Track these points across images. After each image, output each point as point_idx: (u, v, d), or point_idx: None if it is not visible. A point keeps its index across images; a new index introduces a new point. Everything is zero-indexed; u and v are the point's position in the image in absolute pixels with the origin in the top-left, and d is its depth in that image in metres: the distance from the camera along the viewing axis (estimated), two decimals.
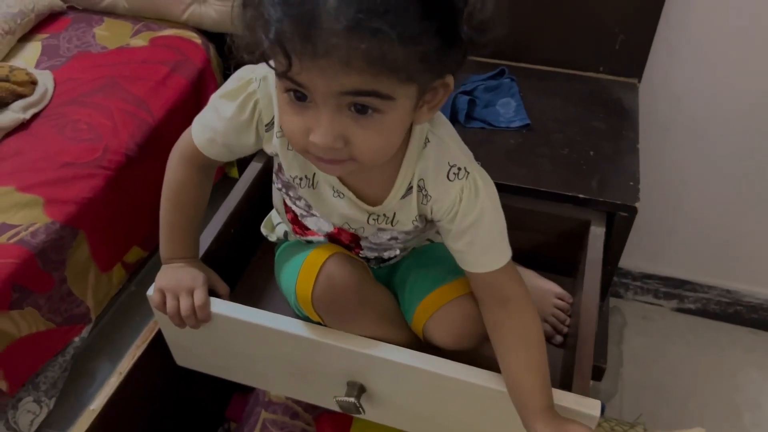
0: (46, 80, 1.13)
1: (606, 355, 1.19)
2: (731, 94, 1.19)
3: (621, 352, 1.47)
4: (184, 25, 1.31)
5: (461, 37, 0.54)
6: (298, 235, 0.83)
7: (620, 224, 0.97)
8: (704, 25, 1.14)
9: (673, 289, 1.54)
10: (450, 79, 0.59)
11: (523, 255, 1.00)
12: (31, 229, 0.89)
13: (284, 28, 0.50)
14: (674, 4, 1.12)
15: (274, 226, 0.90)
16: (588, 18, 1.15)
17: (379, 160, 0.61)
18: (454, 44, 0.54)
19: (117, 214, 1.01)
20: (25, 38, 1.27)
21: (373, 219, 0.73)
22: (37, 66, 1.21)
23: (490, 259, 0.70)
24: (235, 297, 0.85)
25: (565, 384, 0.83)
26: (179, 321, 0.78)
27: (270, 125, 0.69)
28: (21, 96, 1.06)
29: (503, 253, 0.71)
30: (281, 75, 0.55)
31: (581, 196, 0.95)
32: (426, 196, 0.69)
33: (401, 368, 0.75)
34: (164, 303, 0.77)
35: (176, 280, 0.77)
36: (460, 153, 0.69)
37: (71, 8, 1.38)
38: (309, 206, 0.76)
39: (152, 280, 1.10)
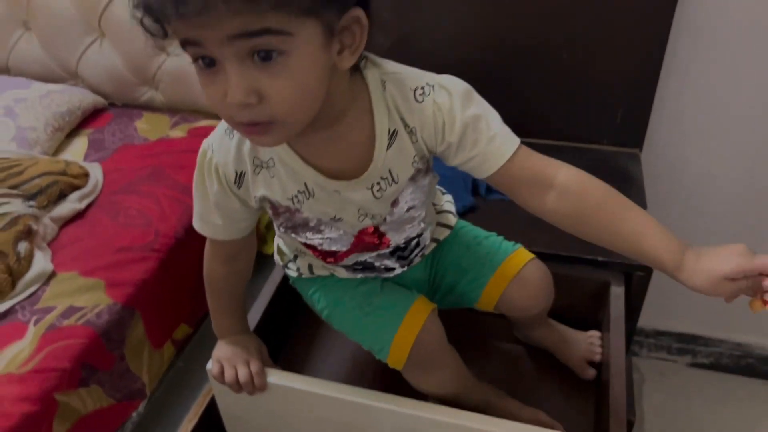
0: (96, 171, 1.22)
1: (634, 408, 1.23)
2: (727, 157, 1.29)
3: (642, 409, 1.51)
4: (216, 115, 1.42)
5: None
6: (329, 264, 0.82)
7: (637, 284, 1.04)
8: (696, 97, 1.26)
9: (686, 345, 1.59)
10: (359, 13, 0.56)
11: (551, 314, 1.07)
12: (95, 310, 0.96)
13: None
14: (667, 80, 1.24)
15: (291, 259, 0.87)
16: (590, 95, 1.26)
17: (298, 113, 0.57)
18: None
19: (167, 293, 1.08)
20: (72, 134, 1.38)
21: (377, 190, 0.69)
22: (85, 159, 1.30)
23: (497, 149, 0.67)
24: (281, 366, 0.90)
25: None
26: (238, 389, 0.82)
27: (240, 179, 0.68)
28: (77, 188, 1.15)
29: (511, 137, 0.69)
30: (183, 44, 0.54)
31: (600, 258, 1.03)
32: (412, 131, 0.67)
33: (451, 428, 0.80)
34: (222, 373, 0.82)
35: (232, 351, 0.83)
36: (417, 75, 0.66)
37: (112, 104, 1.49)
38: (321, 231, 0.74)
39: (199, 356, 1.17)
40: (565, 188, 0.68)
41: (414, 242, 0.83)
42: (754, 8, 1.14)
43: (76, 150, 1.34)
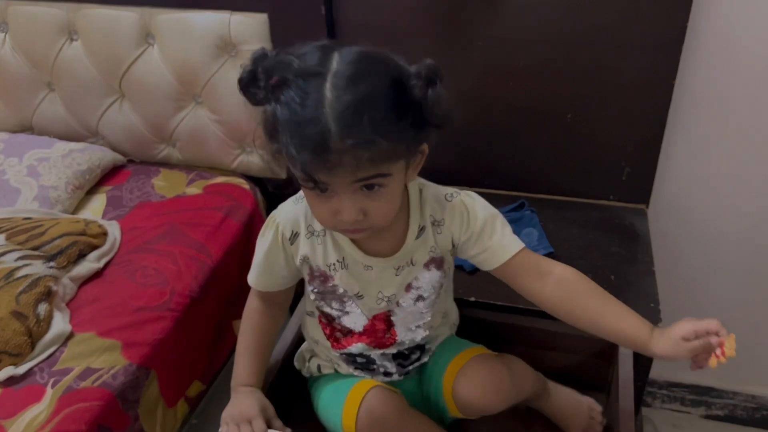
0: (114, 230, 1.26)
1: None
2: (733, 212, 1.31)
3: None
4: (233, 172, 1.46)
5: (427, 120, 0.72)
6: (337, 350, 0.93)
7: None
8: (701, 154, 1.28)
9: (699, 396, 1.58)
10: (425, 147, 0.78)
11: (558, 373, 1.08)
12: (111, 371, 0.98)
13: (307, 164, 0.68)
14: (672, 138, 1.26)
15: (306, 360, 1.00)
16: (596, 154, 1.29)
17: (389, 221, 0.78)
18: (423, 127, 0.73)
19: (182, 352, 1.10)
20: (91, 191, 1.42)
21: (399, 269, 0.86)
22: (103, 216, 1.34)
23: (510, 243, 0.85)
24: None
25: None
26: None
27: (293, 237, 0.86)
28: (96, 247, 1.18)
29: (517, 240, 0.86)
30: (305, 182, 0.72)
31: None
32: (440, 225, 0.86)
33: None
34: None
35: (238, 411, 0.88)
36: (444, 187, 0.88)
37: (130, 161, 1.54)
38: (343, 303, 0.88)
39: (212, 412, 1.18)
40: (562, 277, 0.84)
41: (416, 353, 0.94)
42: (755, 68, 1.17)
43: (95, 207, 1.37)
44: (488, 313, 1.10)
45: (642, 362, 1.06)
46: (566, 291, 0.84)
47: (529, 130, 1.31)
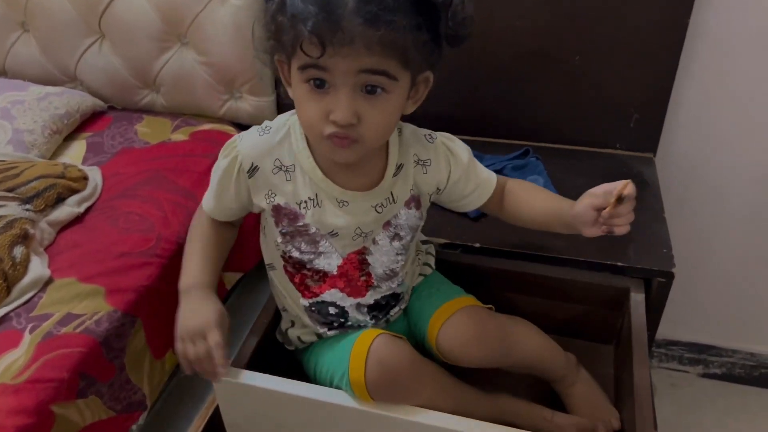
0: (95, 175, 1.18)
1: (656, 422, 1.20)
2: (742, 162, 1.27)
3: (656, 420, 1.47)
4: (221, 119, 1.39)
5: (442, 35, 0.71)
6: (308, 299, 0.87)
7: (657, 290, 1.01)
8: (711, 103, 1.23)
9: (697, 355, 1.56)
10: (430, 75, 0.76)
11: (564, 323, 1.04)
12: (95, 318, 0.91)
13: (319, 22, 0.64)
14: (683, 85, 1.21)
15: (285, 332, 0.95)
16: (604, 100, 1.24)
17: (379, 139, 0.75)
18: (438, 40, 0.71)
19: (169, 301, 1.03)
20: (70, 137, 1.34)
21: (379, 207, 0.83)
22: (83, 163, 1.26)
23: (490, 174, 0.91)
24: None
25: None
26: (191, 368, 0.80)
27: (252, 170, 0.81)
28: (76, 191, 1.11)
29: (490, 175, 0.92)
30: (306, 67, 0.69)
31: (620, 264, 1.00)
32: (425, 164, 0.85)
33: None
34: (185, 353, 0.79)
35: (192, 324, 0.80)
36: (420, 129, 0.87)
37: (111, 108, 1.46)
38: (316, 243, 0.83)
39: None
40: (511, 189, 0.93)
41: (392, 302, 0.91)
42: None
43: (74, 154, 1.30)
44: (494, 260, 1.05)
45: (652, 311, 1.02)
46: (516, 198, 0.92)
47: (536, 75, 1.25)
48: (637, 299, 0.99)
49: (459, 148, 0.88)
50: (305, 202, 0.81)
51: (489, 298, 0.96)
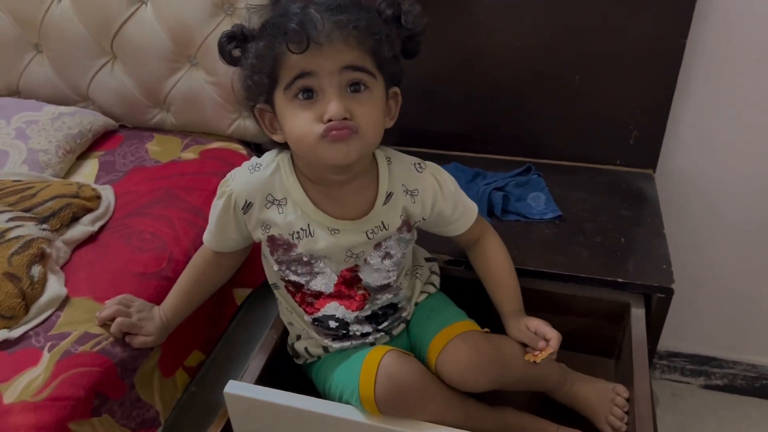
0: (108, 194, 1.21)
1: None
2: (740, 178, 1.30)
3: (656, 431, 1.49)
4: (229, 137, 1.42)
5: (400, 46, 0.82)
6: (310, 315, 0.92)
7: (657, 306, 1.03)
8: (710, 119, 1.26)
9: (699, 366, 1.58)
10: (398, 91, 0.85)
11: (566, 337, 1.06)
12: (111, 338, 0.94)
13: (300, 20, 0.73)
14: (681, 102, 1.24)
15: (294, 347, 0.99)
16: (603, 117, 1.27)
17: (373, 134, 0.79)
18: (396, 54, 0.82)
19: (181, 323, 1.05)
20: (83, 156, 1.37)
21: (371, 233, 0.87)
22: (96, 181, 1.29)
23: (471, 211, 0.96)
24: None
25: None
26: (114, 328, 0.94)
27: (246, 207, 0.87)
28: (89, 210, 1.14)
29: (472, 206, 0.97)
30: (293, 81, 0.76)
31: (620, 280, 1.02)
32: (413, 194, 0.89)
33: None
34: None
35: (142, 320, 0.96)
36: (409, 156, 0.92)
37: (122, 126, 1.49)
38: (311, 265, 0.88)
39: (212, 380, 1.15)
40: (487, 243, 1.00)
41: (390, 312, 0.94)
42: (767, 32, 1.15)
43: (87, 172, 1.32)
44: None
45: (652, 326, 1.05)
46: (484, 252, 1.00)
47: (536, 93, 1.28)
48: (638, 314, 1.01)
49: (446, 179, 0.92)
50: (297, 233, 0.86)
51: (492, 313, 0.98)
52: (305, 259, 0.87)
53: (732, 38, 1.17)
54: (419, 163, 0.91)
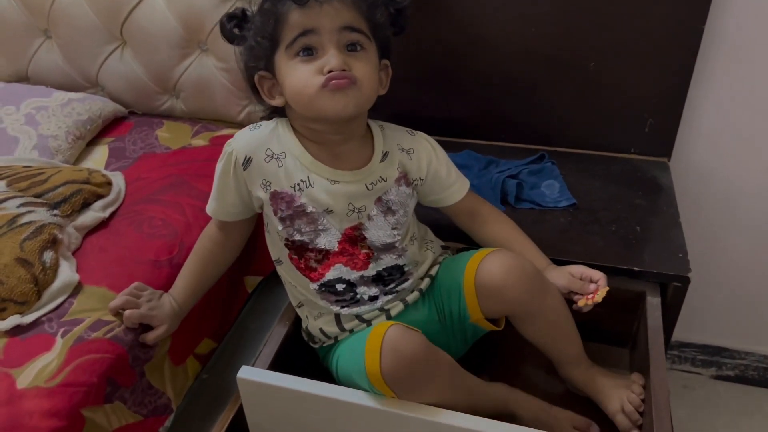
0: (118, 180, 1.21)
1: (672, 424, 1.21)
2: (757, 168, 1.28)
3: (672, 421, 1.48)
4: (240, 124, 1.41)
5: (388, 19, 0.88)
6: (316, 282, 0.92)
7: (673, 295, 1.02)
8: (726, 108, 1.24)
9: (710, 357, 1.57)
10: (388, 63, 0.92)
11: (581, 327, 1.05)
12: (123, 326, 0.93)
13: None
14: (697, 90, 1.22)
15: (308, 330, 0.99)
16: (618, 105, 1.25)
17: (370, 87, 0.85)
18: (386, 23, 0.89)
19: (194, 308, 1.05)
20: (92, 142, 1.36)
21: (370, 185, 0.90)
22: (106, 167, 1.28)
23: (464, 179, 1.00)
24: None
25: None
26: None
27: (246, 162, 0.89)
28: (100, 196, 1.13)
29: (463, 176, 1.00)
30: (295, 39, 0.82)
31: (636, 268, 1.01)
32: (408, 152, 0.94)
33: None
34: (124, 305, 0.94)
35: (154, 309, 0.95)
36: (400, 126, 0.98)
37: (132, 113, 1.48)
38: (315, 221, 0.89)
39: (223, 367, 1.15)
40: (488, 217, 1.02)
41: (396, 275, 0.93)
42: None
43: (97, 159, 1.32)
44: None
45: (668, 315, 1.04)
46: (493, 231, 1.01)
47: (550, 81, 1.27)
48: (654, 303, 1.00)
49: (437, 145, 0.98)
50: (298, 184, 0.88)
51: None
52: (309, 210, 0.88)
53: (752, 24, 1.15)
54: (410, 130, 0.97)
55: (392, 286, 0.93)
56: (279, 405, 0.89)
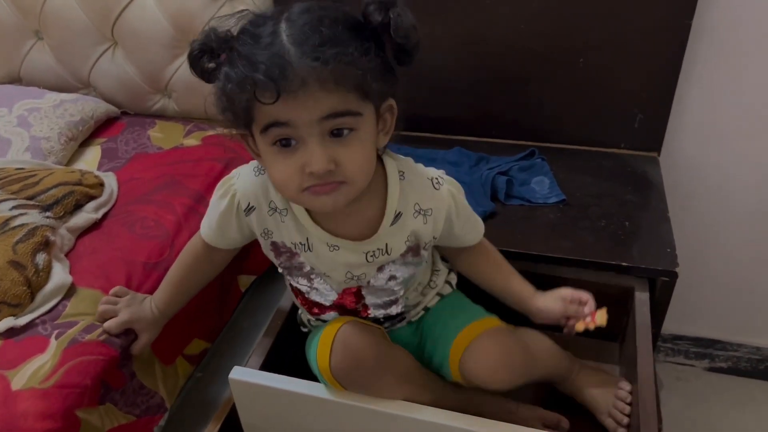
0: (110, 181, 1.21)
1: (661, 416, 1.22)
2: (745, 162, 1.29)
3: (661, 414, 1.49)
4: None
5: (392, 57, 0.70)
6: (312, 316, 0.92)
7: (662, 289, 1.03)
8: (715, 103, 1.25)
9: (703, 349, 1.58)
10: (393, 103, 0.74)
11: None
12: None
13: (268, 68, 0.62)
14: (686, 85, 1.23)
15: (301, 316, 0.99)
16: (608, 101, 1.26)
17: (363, 176, 0.72)
18: (388, 65, 0.70)
19: (183, 309, 1.05)
20: (85, 143, 1.37)
21: (371, 256, 0.82)
22: (99, 168, 1.29)
23: (479, 227, 0.92)
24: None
25: None
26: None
27: (249, 210, 0.83)
28: (93, 197, 1.14)
29: (479, 220, 0.92)
30: (268, 127, 0.67)
31: (624, 264, 1.02)
32: (425, 214, 0.82)
33: None
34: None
35: (134, 311, 0.94)
36: (427, 169, 0.84)
37: (124, 113, 1.49)
38: (311, 279, 0.86)
39: (216, 366, 1.16)
40: (474, 250, 0.94)
41: (394, 317, 0.92)
42: None
43: (90, 159, 1.32)
44: None
45: (657, 310, 1.05)
46: (481, 264, 0.95)
47: (540, 77, 1.27)
48: (642, 298, 1.01)
49: (463, 198, 0.87)
50: (297, 245, 0.83)
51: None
52: (306, 269, 0.85)
53: (739, 19, 1.15)
54: (437, 179, 0.83)
55: (386, 324, 0.93)
56: (271, 405, 0.90)
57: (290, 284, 0.92)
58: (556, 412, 0.96)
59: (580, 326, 0.88)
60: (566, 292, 0.90)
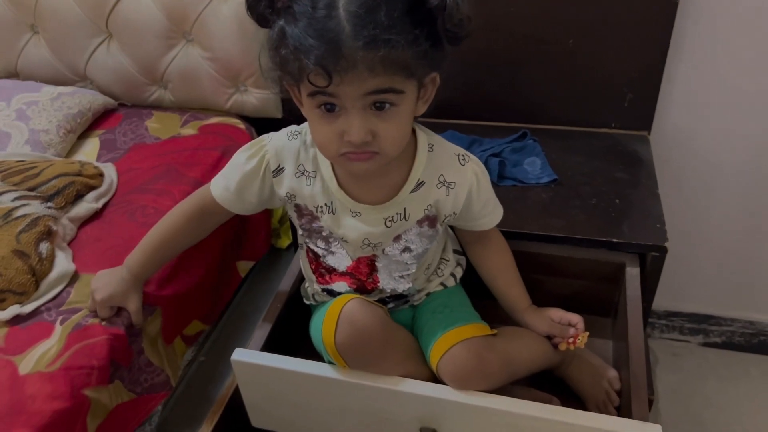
0: (110, 172, 1.23)
1: (653, 387, 1.24)
2: (735, 138, 1.30)
3: (656, 389, 1.52)
4: (227, 112, 1.43)
5: (443, 38, 0.71)
6: (320, 285, 0.94)
7: (652, 264, 1.05)
8: (703, 79, 1.26)
9: (697, 325, 1.61)
10: (436, 75, 0.77)
11: (563, 299, 1.08)
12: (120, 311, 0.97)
13: (321, 54, 0.65)
14: (674, 63, 1.24)
15: (307, 289, 1.00)
16: (598, 80, 1.27)
17: (397, 149, 0.75)
18: (438, 44, 0.71)
19: (183, 290, 1.08)
20: (83, 135, 1.39)
21: (389, 221, 0.85)
22: (98, 159, 1.31)
23: (492, 217, 0.93)
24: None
25: (623, 413, 0.90)
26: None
27: (278, 171, 0.85)
28: (93, 188, 1.16)
29: (500, 207, 0.94)
30: (315, 93, 0.70)
31: (615, 240, 1.04)
32: (449, 186, 0.85)
33: (473, 410, 0.82)
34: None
35: (108, 292, 0.95)
36: (456, 146, 0.88)
37: (121, 105, 1.50)
38: (329, 243, 0.88)
39: (220, 350, 1.18)
40: (490, 247, 0.98)
41: (399, 298, 0.94)
42: None
43: (89, 151, 1.34)
44: None
45: (647, 285, 1.07)
46: (490, 260, 0.98)
47: (530, 59, 1.28)
48: (633, 273, 1.03)
49: (486, 178, 0.89)
50: (321, 207, 0.85)
51: None
52: (325, 233, 0.87)
53: (724, 1, 1.17)
54: (464, 156, 0.86)
55: (390, 305, 0.95)
56: (273, 384, 0.92)
57: (307, 248, 0.93)
58: (549, 393, 0.98)
59: (562, 346, 0.94)
60: (556, 312, 0.95)
